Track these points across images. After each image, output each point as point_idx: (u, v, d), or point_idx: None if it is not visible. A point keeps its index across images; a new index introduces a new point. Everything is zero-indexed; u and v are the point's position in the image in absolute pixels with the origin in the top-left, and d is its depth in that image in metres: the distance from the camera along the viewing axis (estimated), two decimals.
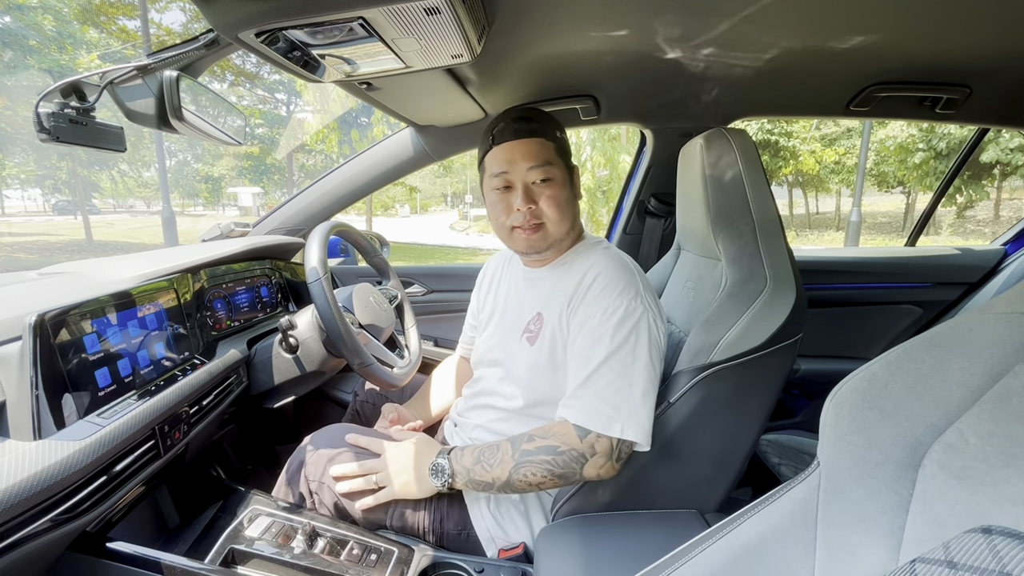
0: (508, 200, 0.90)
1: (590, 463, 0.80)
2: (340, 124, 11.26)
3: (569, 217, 0.91)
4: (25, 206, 29.41)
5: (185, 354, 0.99)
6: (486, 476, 0.84)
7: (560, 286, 0.93)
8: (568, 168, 0.93)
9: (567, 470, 0.81)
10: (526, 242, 0.91)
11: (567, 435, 0.82)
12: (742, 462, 0.91)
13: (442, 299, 1.75)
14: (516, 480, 0.82)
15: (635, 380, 0.81)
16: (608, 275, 0.88)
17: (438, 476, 0.87)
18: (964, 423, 0.41)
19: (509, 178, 0.89)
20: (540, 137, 0.89)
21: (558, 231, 0.91)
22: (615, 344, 0.82)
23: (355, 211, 13.97)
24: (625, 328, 0.83)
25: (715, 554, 0.53)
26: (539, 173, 0.88)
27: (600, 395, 0.81)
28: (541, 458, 0.81)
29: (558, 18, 0.82)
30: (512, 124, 0.90)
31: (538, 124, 0.90)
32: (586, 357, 0.84)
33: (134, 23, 13.34)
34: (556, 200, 0.89)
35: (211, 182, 24.94)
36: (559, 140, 0.92)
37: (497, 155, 0.90)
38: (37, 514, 0.63)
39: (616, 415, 0.80)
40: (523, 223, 0.89)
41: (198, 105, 1.02)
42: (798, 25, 0.88)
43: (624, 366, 0.82)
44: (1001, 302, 0.44)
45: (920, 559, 0.35)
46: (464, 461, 0.87)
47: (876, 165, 12.46)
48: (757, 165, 0.90)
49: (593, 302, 0.86)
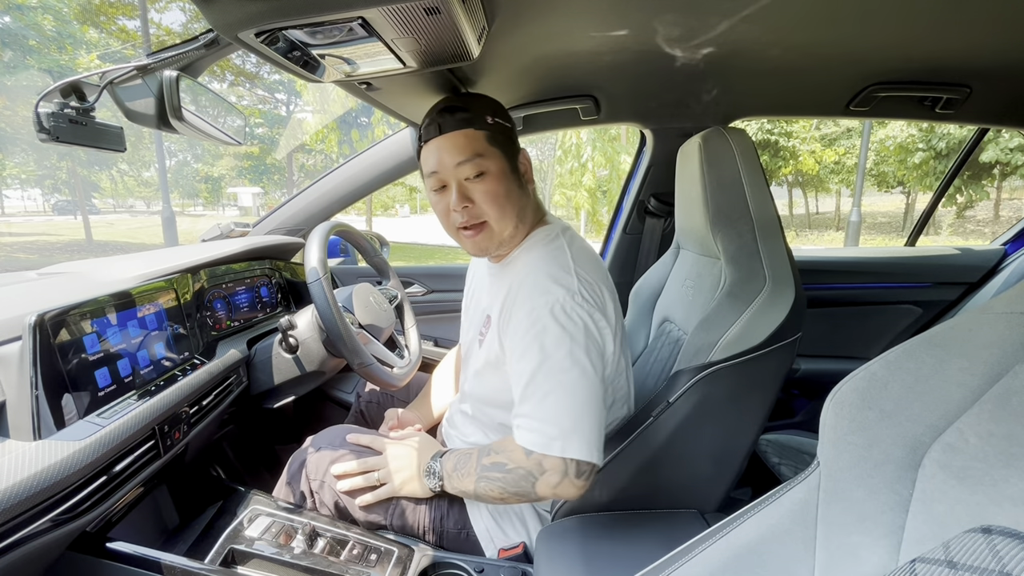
0: (445, 201, 0.83)
1: (541, 481, 0.74)
2: (340, 124, 11.26)
3: (513, 210, 0.84)
4: (25, 206, 29.40)
5: (185, 354, 0.99)
6: (460, 484, 0.84)
7: (502, 288, 0.87)
8: (509, 155, 0.84)
9: (519, 489, 0.76)
10: (472, 244, 0.86)
11: (515, 451, 0.77)
12: (742, 462, 0.91)
13: (442, 299, 1.74)
14: (480, 493, 0.80)
15: (574, 389, 0.74)
16: (535, 275, 0.81)
17: (431, 478, 0.88)
18: (964, 423, 0.41)
19: (441, 177, 0.83)
20: (468, 128, 0.81)
21: (503, 227, 0.84)
22: (546, 352, 0.75)
23: (355, 211, 13.97)
24: (552, 333, 0.75)
25: (715, 554, 0.53)
26: (470, 168, 0.80)
27: (538, 411, 0.75)
28: (495, 475, 0.79)
29: (558, 18, 0.82)
30: (436, 118, 0.82)
31: (465, 112, 0.82)
32: (520, 369, 0.78)
33: (134, 23, 13.34)
34: (492, 195, 0.81)
35: (211, 182, 24.93)
36: (493, 125, 0.83)
37: (427, 154, 0.84)
38: (37, 514, 0.63)
39: (556, 432, 0.73)
40: (464, 223, 0.83)
41: (198, 105, 1.02)
42: (798, 25, 0.88)
43: (561, 373, 0.74)
44: (1001, 302, 0.44)
45: (920, 559, 0.35)
46: (447, 466, 0.87)
47: (876, 165, 12.47)
48: (756, 165, 0.90)
49: (521, 306, 0.80)
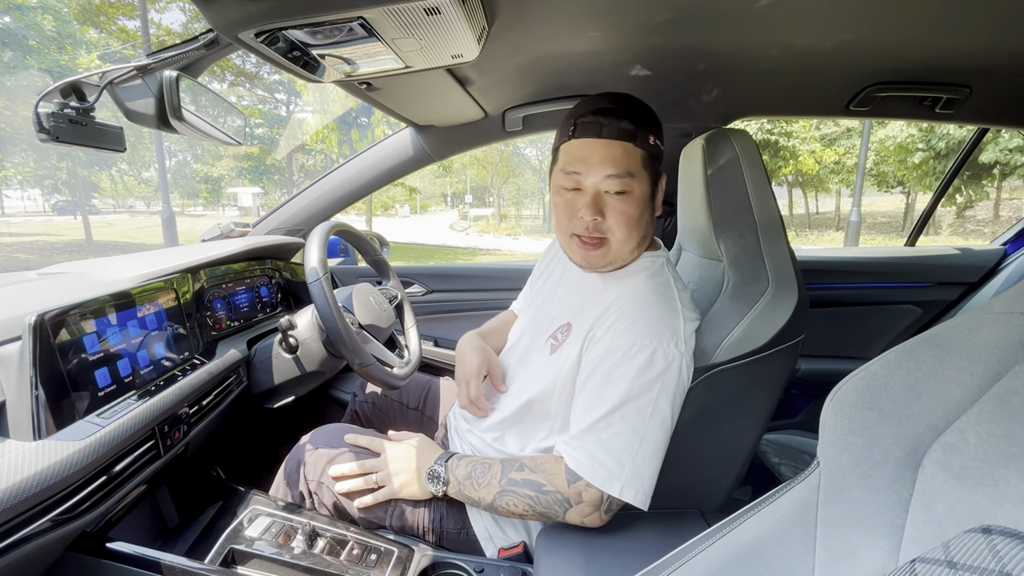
0: (574, 203, 0.78)
1: (574, 510, 0.75)
2: (340, 124, 11.26)
3: (639, 235, 0.80)
4: (25, 206, 29.40)
5: (185, 354, 0.99)
6: (473, 494, 0.83)
7: (596, 303, 0.83)
8: (653, 179, 0.80)
9: (548, 511, 0.77)
10: (583, 255, 0.81)
11: (556, 475, 0.76)
12: (743, 463, 0.91)
13: (442, 299, 1.74)
14: (499, 506, 0.80)
15: (648, 436, 0.72)
16: (641, 307, 0.77)
17: (434, 482, 0.87)
18: (964, 423, 0.41)
19: (580, 180, 0.77)
20: (629, 141, 0.75)
21: (622, 250, 0.81)
22: (634, 391, 0.72)
23: (355, 211, 13.98)
24: (649, 375, 0.72)
25: (715, 554, 0.53)
26: (616, 184, 0.75)
27: (605, 445, 0.72)
28: (525, 492, 0.77)
29: (558, 18, 0.82)
30: (600, 118, 0.76)
31: (630, 124, 0.76)
32: (599, 397, 0.74)
33: (134, 23, 13.34)
34: (628, 217, 0.77)
35: (211, 182, 24.93)
36: (652, 147, 0.78)
37: (573, 149, 0.78)
38: (37, 514, 0.63)
39: (619, 472, 0.72)
40: (584, 232, 0.79)
41: (198, 105, 1.02)
42: (798, 25, 0.88)
43: (640, 418, 0.72)
44: (1001, 302, 0.44)
45: (920, 559, 0.35)
46: (458, 473, 0.85)
47: (876, 165, 12.47)
48: (759, 165, 0.90)
49: (618, 335, 0.75)
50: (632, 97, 0.82)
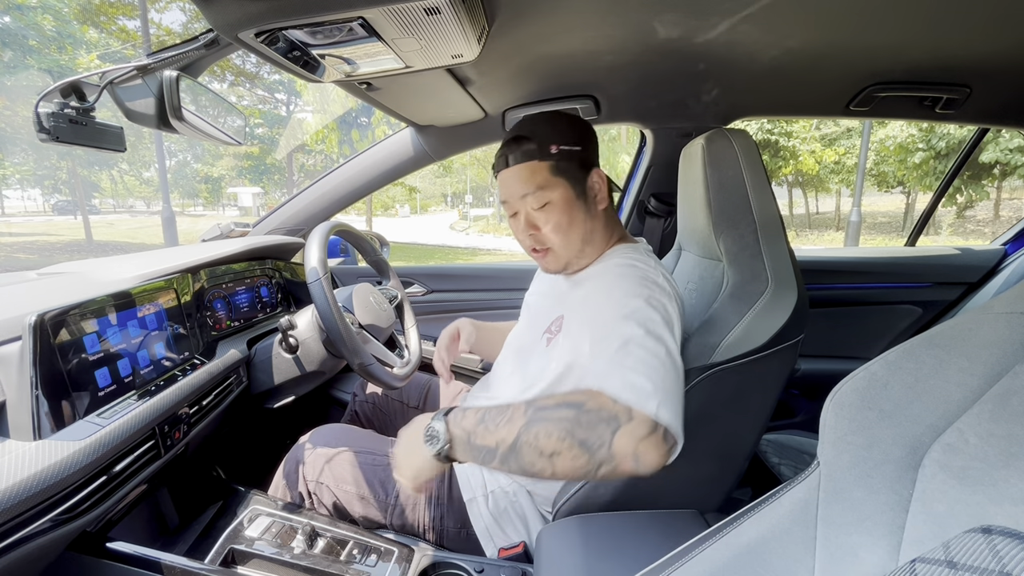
0: (516, 226, 0.90)
1: (624, 431, 0.63)
2: (340, 124, 11.26)
3: (578, 235, 0.87)
4: (25, 206, 29.40)
5: (185, 354, 0.99)
6: (489, 439, 0.68)
7: (580, 291, 0.89)
8: (574, 181, 0.85)
9: (592, 434, 0.63)
10: (542, 264, 0.91)
11: (598, 396, 0.67)
12: (743, 462, 0.91)
13: (442, 299, 1.74)
14: (524, 443, 0.65)
15: (664, 363, 0.69)
16: (622, 276, 0.81)
17: (433, 442, 0.72)
18: (964, 423, 0.41)
19: (511, 207, 0.88)
20: (532, 160, 0.84)
21: (568, 252, 0.88)
22: (637, 328, 0.72)
23: (355, 211, 13.98)
24: (644, 313, 0.74)
25: (715, 554, 0.53)
26: (533, 200, 0.84)
27: (633, 369, 0.68)
28: (560, 415, 0.66)
29: (558, 18, 0.82)
30: (505, 151, 0.87)
31: (531, 144, 0.84)
32: (606, 343, 0.73)
33: (134, 23, 13.34)
34: (555, 224, 0.85)
35: (211, 182, 24.93)
36: (558, 154, 0.84)
37: (499, 185, 0.89)
38: (37, 514, 0.63)
39: (652, 390, 0.65)
40: (532, 247, 0.89)
41: (198, 105, 1.02)
42: (798, 25, 0.88)
43: (652, 346, 0.70)
44: (1001, 302, 0.44)
45: (920, 559, 0.35)
46: (465, 423, 0.72)
47: (876, 165, 12.46)
48: (759, 165, 0.90)
49: (609, 296, 0.79)
50: (537, 116, 0.90)
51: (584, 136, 0.88)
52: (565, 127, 0.87)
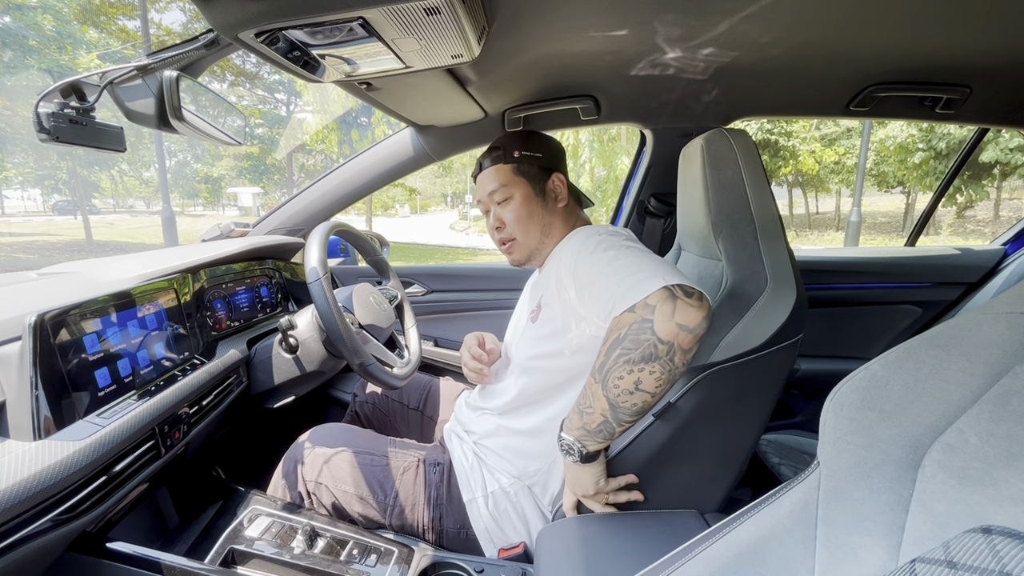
0: (488, 223, 1.05)
1: (656, 320, 0.70)
2: (340, 124, 11.25)
3: (537, 227, 0.99)
4: (25, 206, 29.38)
5: (185, 354, 0.99)
6: (595, 419, 0.77)
7: (549, 274, 0.97)
8: (534, 181, 0.99)
9: (642, 347, 0.71)
10: (509, 257, 1.04)
11: (619, 321, 0.74)
12: (742, 462, 0.91)
13: (442, 299, 1.74)
14: (614, 397, 0.74)
15: (647, 252, 0.83)
16: (578, 240, 0.91)
17: (570, 455, 0.82)
18: (964, 423, 0.41)
19: (483, 205, 1.04)
20: (498, 163, 1.00)
21: (529, 242, 1.00)
22: (608, 250, 0.82)
23: (355, 211, 13.97)
24: (611, 241, 0.85)
25: (715, 554, 0.53)
26: (498, 195, 0.99)
27: (624, 275, 0.76)
28: (614, 356, 0.73)
29: (558, 18, 0.82)
30: (481, 160, 1.03)
31: (499, 151, 1.00)
32: (589, 279, 0.83)
33: (134, 23, 13.34)
34: (517, 216, 0.99)
35: (211, 182, 24.93)
36: (519, 158, 0.99)
37: (476, 187, 1.05)
38: (37, 514, 0.63)
39: (649, 273, 0.74)
40: (500, 240, 1.02)
41: (198, 105, 1.02)
42: (798, 25, 0.88)
43: (629, 250, 0.82)
44: (1001, 302, 0.44)
45: (920, 559, 0.35)
46: (573, 424, 0.81)
47: (876, 165, 12.46)
48: (758, 165, 0.90)
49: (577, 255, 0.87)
50: (511, 133, 1.06)
51: (546, 147, 1.02)
52: (529, 138, 1.02)
